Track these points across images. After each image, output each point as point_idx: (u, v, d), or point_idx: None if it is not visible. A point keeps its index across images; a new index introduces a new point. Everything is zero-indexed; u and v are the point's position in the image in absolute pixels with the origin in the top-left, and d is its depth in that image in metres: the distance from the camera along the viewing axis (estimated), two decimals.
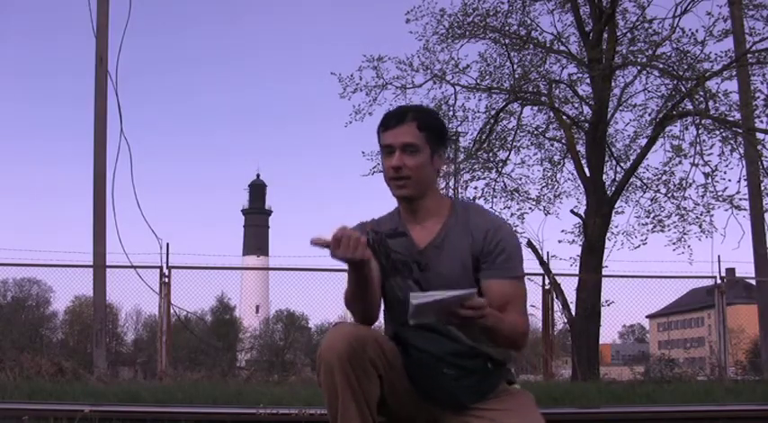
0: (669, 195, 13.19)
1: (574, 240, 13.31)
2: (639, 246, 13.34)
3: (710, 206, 12.68)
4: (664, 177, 13.27)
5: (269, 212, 73.59)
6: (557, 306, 12.16)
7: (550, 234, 76.54)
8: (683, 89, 12.42)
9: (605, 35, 12.84)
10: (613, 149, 13.77)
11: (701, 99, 12.29)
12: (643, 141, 13.26)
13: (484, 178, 13.82)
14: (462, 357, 2.33)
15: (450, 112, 13.83)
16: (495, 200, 13.79)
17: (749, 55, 12.33)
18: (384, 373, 2.27)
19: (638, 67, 12.95)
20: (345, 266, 2.27)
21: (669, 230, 13.04)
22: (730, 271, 13.54)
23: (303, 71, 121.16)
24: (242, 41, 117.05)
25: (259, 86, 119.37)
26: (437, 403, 2.34)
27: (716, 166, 12.51)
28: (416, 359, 2.32)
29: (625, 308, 13.92)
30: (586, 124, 13.23)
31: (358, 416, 2.20)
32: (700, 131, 12.63)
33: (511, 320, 2.33)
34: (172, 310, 11.35)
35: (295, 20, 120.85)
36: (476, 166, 13.80)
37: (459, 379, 2.30)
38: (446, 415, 2.34)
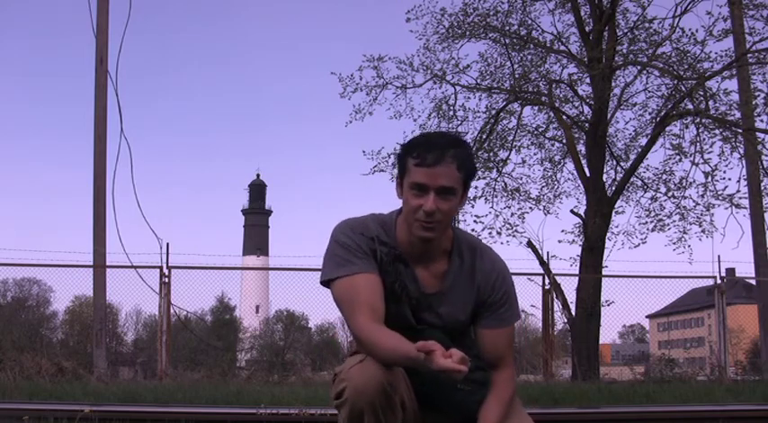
0: (669, 195, 13.22)
1: (574, 240, 13.34)
2: (639, 244, 13.37)
3: (710, 205, 12.72)
4: (664, 176, 13.31)
5: (269, 212, 73.53)
6: (557, 306, 12.17)
7: (550, 234, 76.73)
8: (684, 89, 12.42)
9: (605, 35, 12.85)
10: (613, 149, 13.79)
11: (701, 98, 12.30)
12: (643, 141, 13.31)
13: (484, 178, 13.84)
14: (473, 371, 2.29)
15: (451, 112, 13.86)
16: (495, 200, 13.83)
17: (749, 55, 12.35)
18: (408, 404, 2.22)
19: (639, 67, 12.97)
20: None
21: (669, 229, 13.08)
22: (730, 271, 13.55)
23: (303, 71, 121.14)
24: (242, 41, 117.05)
25: (259, 86, 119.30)
26: (447, 418, 2.33)
27: (716, 165, 12.57)
28: (429, 376, 2.25)
29: (625, 308, 13.93)
30: (586, 124, 13.25)
31: None
32: (700, 130, 12.67)
33: (509, 399, 2.34)
34: (172, 310, 11.35)
35: (295, 19, 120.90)
36: (476, 166, 13.79)
37: (472, 393, 2.29)
38: None
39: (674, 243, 12.97)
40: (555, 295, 12.06)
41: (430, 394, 2.30)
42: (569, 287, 12.67)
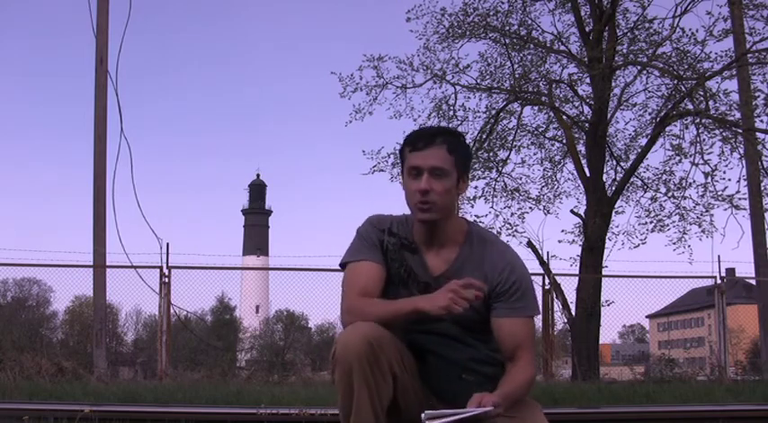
0: (669, 195, 13.22)
1: (574, 240, 13.33)
2: (639, 245, 13.36)
3: (710, 206, 12.72)
4: (664, 177, 13.31)
5: (269, 212, 73.53)
6: (557, 306, 12.17)
7: (550, 234, 76.63)
8: (684, 89, 12.42)
9: (605, 35, 12.85)
10: (613, 149, 13.79)
11: (701, 99, 12.30)
12: (643, 141, 13.30)
13: (484, 178, 13.84)
14: (481, 364, 2.35)
15: (451, 112, 13.86)
16: (495, 199, 13.83)
17: (749, 55, 12.35)
18: (399, 373, 2.25)
19: (639, 67, 12.97)
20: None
21: (669, 230, 13.08)
22: (730, 271, 13.55)
23: (303, 71, 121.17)
24: (242, 41, 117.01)
25: (259, 86, 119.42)
26: (449, 407, 2.31)
27: (716, 165, 12.57)
28: (434, 365, 2.33)
29: (625, 308, 13.93)
30: (586, 124, 13.25)
31: (372, 417, 2.18)
32: (700, 131, 12.67)
33: (521, 383, 2.31)
34: (172, 310, 11.34)
35: (295, 19, 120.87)
36: (476, 166, 13.80)
37: (478, 385, 2.28)
38: None
39: (674, 243, 12.98)
40: (555, 295, 12.06)
41: (432, 383, 2.34)
42: (569, 287, 12.69)
